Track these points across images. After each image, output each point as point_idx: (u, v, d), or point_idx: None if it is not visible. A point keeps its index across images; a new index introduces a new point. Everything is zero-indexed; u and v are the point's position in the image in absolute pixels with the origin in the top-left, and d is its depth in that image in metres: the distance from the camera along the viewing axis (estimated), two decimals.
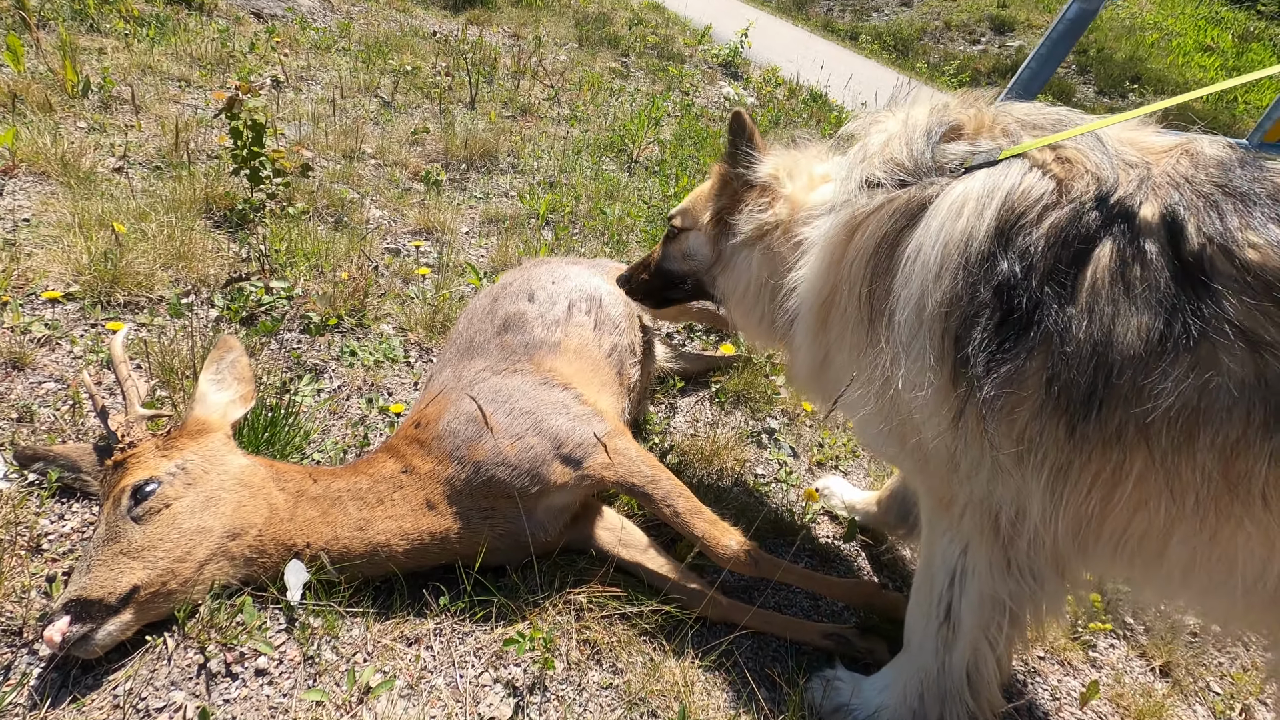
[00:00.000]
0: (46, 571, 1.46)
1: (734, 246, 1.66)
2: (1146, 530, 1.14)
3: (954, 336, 1.16)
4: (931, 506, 1.40)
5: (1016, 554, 1.28)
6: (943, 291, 1.16)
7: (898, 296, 1.21)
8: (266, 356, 2.28)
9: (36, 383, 1.92)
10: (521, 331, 1.91)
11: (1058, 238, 1.10)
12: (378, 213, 3.44)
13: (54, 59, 3.92)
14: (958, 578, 1.35)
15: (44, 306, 2.20)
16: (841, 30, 15.03)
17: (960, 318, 1.14)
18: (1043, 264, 1.10)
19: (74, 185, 2.83)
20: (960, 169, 1.23)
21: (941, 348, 1.17)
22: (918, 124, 1.34)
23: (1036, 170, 1.17)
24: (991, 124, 1.32)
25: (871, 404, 1.33)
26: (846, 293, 1.34)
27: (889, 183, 1.29)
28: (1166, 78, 12.66)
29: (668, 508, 1.71)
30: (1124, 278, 1.06)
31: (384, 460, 1.67)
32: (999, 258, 1.12)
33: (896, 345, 1.22)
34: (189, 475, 1.46)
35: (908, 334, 1.20)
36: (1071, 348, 1.07)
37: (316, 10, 6.71)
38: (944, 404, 1.19)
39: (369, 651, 1.48)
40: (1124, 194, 1.10)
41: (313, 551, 1.52)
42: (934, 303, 1.17)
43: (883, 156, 1.33)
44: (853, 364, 1.37)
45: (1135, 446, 1.07)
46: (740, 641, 1.69)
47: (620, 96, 6.31)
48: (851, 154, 1.42)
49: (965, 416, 1.16)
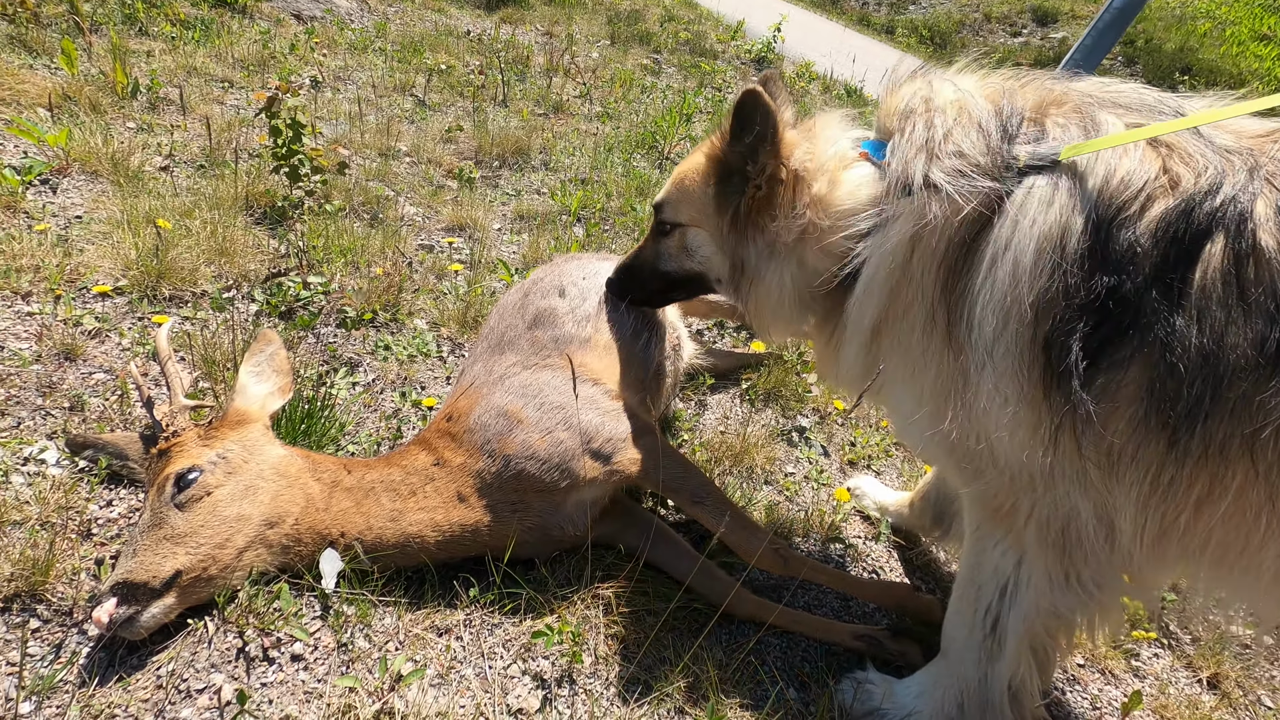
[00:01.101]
0: (95, 555, 1.52)
1: (762, 255, 1.42)
2: (1242, 542, 1.07)
3: (1045, 342, 1.06)
4: (983, 515, 1.32)
5: (1079, 566, 1.22)
6: (1035, 293, 1.05)
7: (977, 298, 1.11)
8: (304, 350, 2.33)
9: (87, 373, 2.00)
10: (552, 327, 1.92)
11: (1164, 233, 1.01)
12: (412, 209, 3.49)
13: (105, 62, 4.06)
14: (1010, 590, 1.29)
15: (94, 300, 2.28)
16: (877, 24, 14.79)
17: (1054, 322, 1.05)
18: (1147, 262, 1.00)
19: (123, 184, 2.93)
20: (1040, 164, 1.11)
21: (1031, 354, 1.07)
22: (984, 112, 1.19)
23: (1134, 156, 1.08)
24: (1061, 101, 1.20)
25: (928, 410, 1.25)
26: (911, 297, 1.22)
27: (959, 185, 1.14)
28: (1220, 68, 12.17)
29: (696, 504, 1.70)
30: (1238, 280, 0.97)
31: (416, 453, 1.69)
32: (1098, 254, 1.02)
33: (977, 351, 1.12)
34: (229, 464, 1.50)
35: (990, 339, 1.10)
36: (1178, 357, 0.98)
37: (354, 11, 6.83)
38: (1032, 415, 1.10)
39: (401, 640, 1.51)
40: (1234, 185, 1.00)
41: (347, 540, 1.54)
42: (1023, 305, 1.07)
43: (947, 150, 1.18)
44: (911, 369, 1.26)
45: (1238, 460, 1.00)
46: (769, 640, 1.67)
47: (652, 93, 6.30)
48: (904, 140, 1.24)
49: (1059, 429, 1.07)
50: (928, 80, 1.31)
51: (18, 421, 1.81)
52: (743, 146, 1.37)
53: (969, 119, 1.20)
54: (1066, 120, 1.17)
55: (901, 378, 1.30)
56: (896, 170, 1.22)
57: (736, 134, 1.38)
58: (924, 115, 1.23)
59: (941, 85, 1.28)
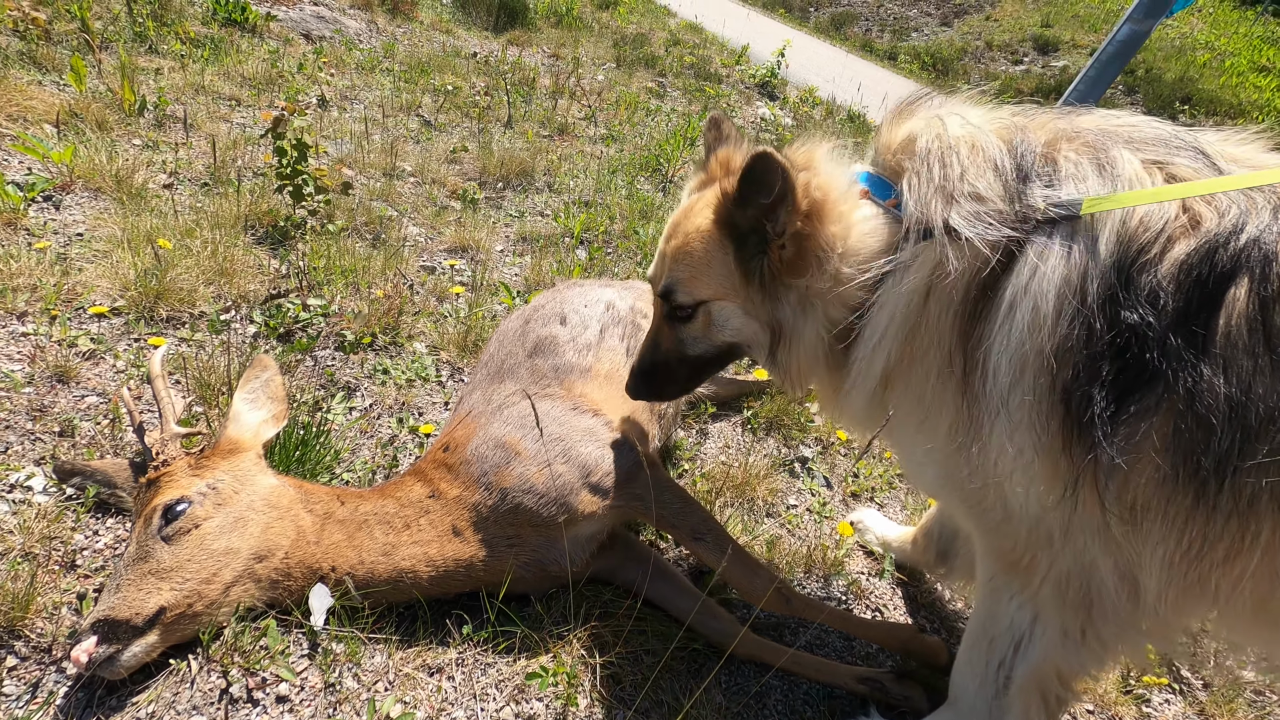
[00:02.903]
0: (78, 589, 1.48)
1: (796, 312, 1.32)
2: (1271, 593, 1.03)
3: (1064, 391, 1.02)
4: (998, 568, 1.27)
5: (1098, 623, 1.18)
6: (1056, 340, 1.01)
7: (994, 346, 1.07)
8: (301, 373, 2.30)
9: (79, 396, 1.97)
10: (552, 355, 1.89)
11: (1187, 277, 0.97)
12: (415, 230, 3.48)
13: (114, 79, 4.08)
14: (1024, 645, 1.26)
15: (90, 321, 2.26)
16: (880, 50, 14.95)
17: (1075, 370, 1.00)
18: (1171, 307, 0.96)
19: (126, 201, 2.93)
20: (1059, 212, 1.07)
21: (1050, 404, 1.03)
22: (998, 151, 1.15)
23: (1145, 184, 1.05)
24: (1072, 137, 1.15)
25: (941, 458, 1.21)
26: (925, 344, 1.17)
27: (980, 232, 1.09)
28: (1219, 99, 12.27)
29: (697, 541, 1.66)
30: (1264, 327, 0.92)
31: (411, 484, 1.65)
32: (1119, 300, 0.98)
33: (991, 400, 1.07)
34: (219, 495, 1.47)
35: (1005, 388, 1.05)
36: (1206, 408, 0.94)
37: (363, 32, 6.90)
38: (1050, 467, 1.06)
39: (390, 680, 1.46)
40: (1258, 225, 0.96)
41: (338, 575, 1.50)
42: (1043, 353, 1.02)
43: (964, 191, 1.13)
44: (924, 416, 1.21)
45: (1269, 514, 0.96)
46: (770, 682, 1.63)
47: (656, 116, 6.34)
48: (919, 181, 1.18)
49: (1079, 482, 1.02)
50: (936, 114, 1.26)
51: (5, 446, 1.77)
52: (758, 209, 1.26)
53: (983, 158, 1.15)
54: (1079, 157, 1.13)
55: (914, 423, 1.26)
56: (914, 213, 1.17)
57: (749, 196, 1.25)
58: (937, 153, 1.18)
59: (950, 119, 1.22)
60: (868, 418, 1.36)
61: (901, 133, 1.28)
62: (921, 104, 1.32)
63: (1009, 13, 15.93)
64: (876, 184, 1.29)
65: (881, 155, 1.32)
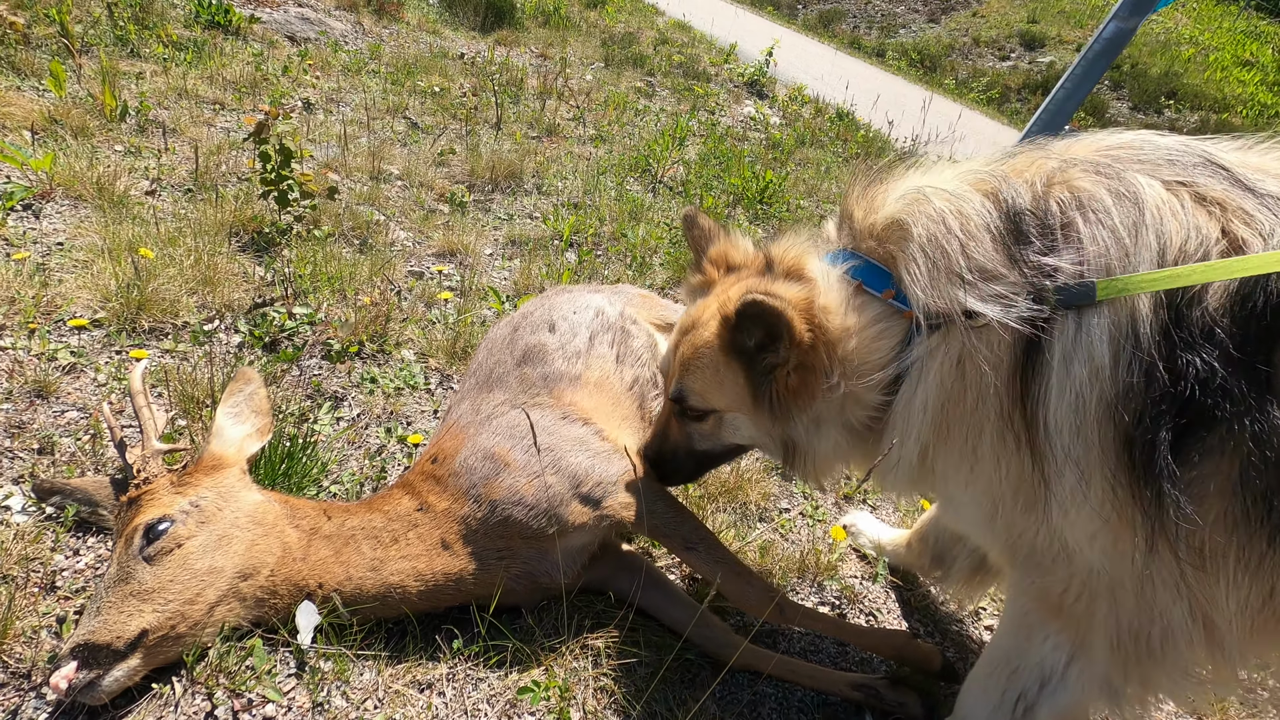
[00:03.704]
0: (58, 612, 1.45)
1: (810, 430, 1.30)
2: None
3: (1127, 439, 0.97)
4: (1037, 606, 1.23)
5: (1148, 672, 1.14)
6: (1115, 387, 0.97)
7: (1051, 402, 1.01)
8: (287, 384, 2.27)
9: (59, 411, 1.93)
10: (541, 364, 1.87)
11: (1240, 308, 0.92)
12: (402, 235, 3.45)
13: (94, 84, 4.03)
14: (1053, 684, 1.22)
15: (70, 333, 2.22)
16: (868, 47, 14.98)
17: (1137, 416, 0.95)
18: (1228, 342, 0.91)
19: (107, 209, 2.88)
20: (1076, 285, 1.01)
21: (1116, 454, 0.98)
22: (988, 213, 1.08)
23: (1184, 220, 0.97)
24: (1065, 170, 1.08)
25: (1002, 516, 1.16)
26: (970, 411, 1.11)
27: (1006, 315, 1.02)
28: (1204, 93, 12.38)
29: (689, 550, 1.65)
30: None
31: (399, 497, 1.63)
32: (1173, 337, 0.93)
33: (1056, 456, 1.02)
34: (202, 513, 1.44)
35: (1069, 441, 1.00)
36: (1273, 450, 0.89)
37: (348, 33, 6.85)
38: (1123, 518, 1.01)
39: (380, 698, 1.44)
40: None
41: (325, 592, 1.48)
42: (1102, 401, 0.98)
43: (969, 268, 1.07)
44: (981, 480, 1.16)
45: None
46: (764, 690, 1.62)
47: (645, 116, 6.32)
48: (919, 271, 1.12)
49: (1155, 532, 0.97)
50: (912, 191, 1.19)
51: None
52: (758, 340, 1.25)
53: (976, 225, 1.09)
54: (1093, 188, 1.04)
55: (964, 483, 1.20)
56: (925, 304, 1.11)
57: (747, 330, 1.24)
58: (929, 237, 1.12)
59: (930, 193, 1.16)
60: (911, 489, 1.34)
61: (881, 218, 1.22)
62: (889, 175, 1.27)
63: (996, 9, 16.00)
64: (868, 273, 1.23)
65: (863, 239, 1.26)
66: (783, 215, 4.43)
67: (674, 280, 3.40)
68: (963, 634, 1.92)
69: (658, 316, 2.30)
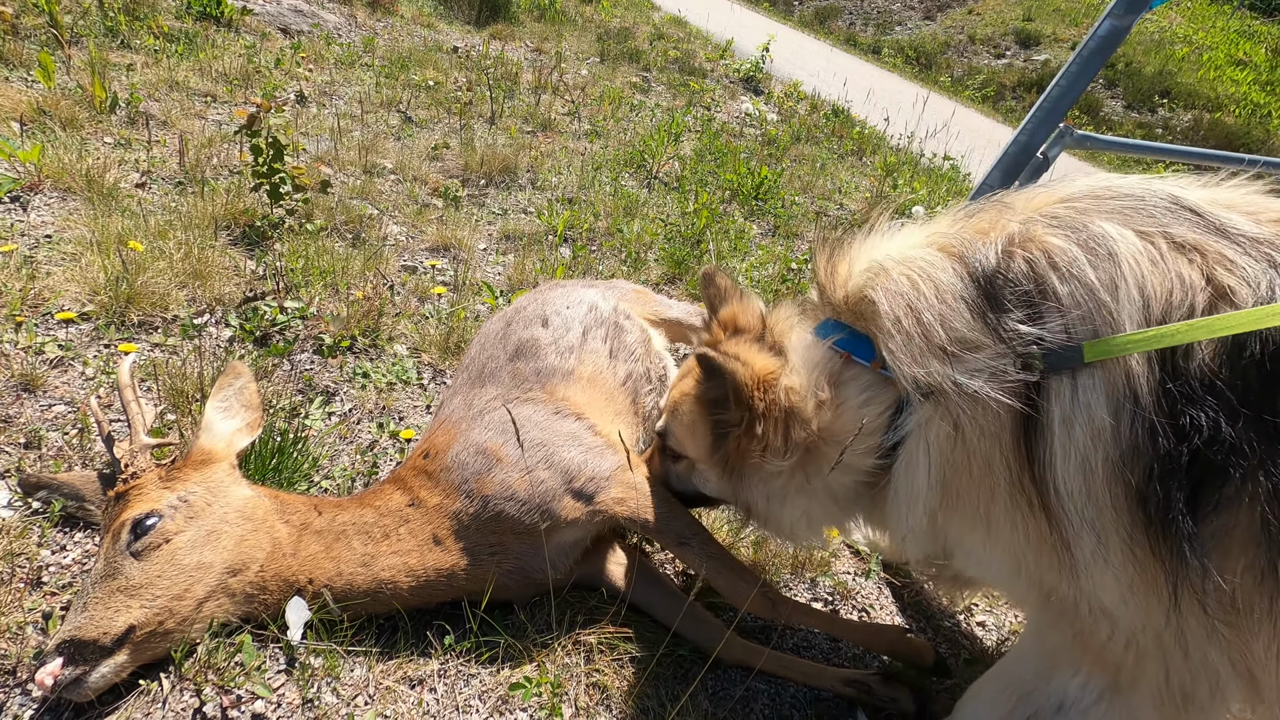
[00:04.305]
0: (44, 607, 1.43)
1: (772, 498, 1.35)
2: None
3: (1140, 496, 0.94)
4: (1070, 646, 1.19)
5: (1170, 709, 1.12)
6: (1120, 446, 0.95)
7: (1056, 464, 0.99)
8: (278, 378, 2.26)
9: (47, 406, 1.91)
10: (534, 358, 1.86)
11: (1237, 357, 0.90)
12: (395, 229, 3.43)
13: (83, 75, 3.98)
14: (1072, 713, 1.19)
15: (58, 327, 2.19)
16: (864, 44, 14.98)
17: (1146, 473, 0.93)
18: (1230, 393, 0.89)
19: (96, 202, 2.85)
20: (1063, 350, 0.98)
21: (1130, 512, 0.96)
22: (956, 279, 1.06)
23: (1164, 270, 0.95)
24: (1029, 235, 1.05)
25: (1027, 577, 1.14)
26: (978, 476, 1.09)
27: (993, 390, 1.01)
28: (1197, 92, 12.42)
29: (682, 546, 1.64)
30: None
31: (391, 492, 1.62)
32: (1173, 391, 0.91)
33: (1072, 518, 1.00)
34: (191, 508, 1.43)
35: (1082, 503, 0.98)
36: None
37: (342, 26, 6.80)
38: (1147, 576, 0.99)
39: (370, 694, 1.43)
40: None
41: (315, 588, 1.47)
42: (1108, 461, 0.96)
43: (950, 341, 1.05)
44: (1000, 542, 1.14)
45: None
46: (756, 687, 1.61)
47: (640, 111, 6.30)
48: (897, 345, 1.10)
49: (1178, 589, 0.95)
50: (873, 262, 1.18)
51: None
52: (715, 397, 1.30)
53: (948, 294, 1.07)
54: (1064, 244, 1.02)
55: (983, 543, 1.18)
56: (913, 380, 1.09)
57: (709, 385, 1.30)
58: (901, 310, 1.10)
59: (890, 266, 1.14)
60: (929, 551, 1.32)
61: (850, 292, 1.22)
62: (849, 246, 1.26)
63: (991, 7, 16.02)
64: (854, 344, 1.22)
65: (841, 312, 1.25)
66: (778, 211, 4.43)
67: (669, 276, 3.39)
68: (955, 630, 1.92)
69: (652, 312, 2.29)
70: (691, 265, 3.41)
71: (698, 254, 3.53)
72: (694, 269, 3.38)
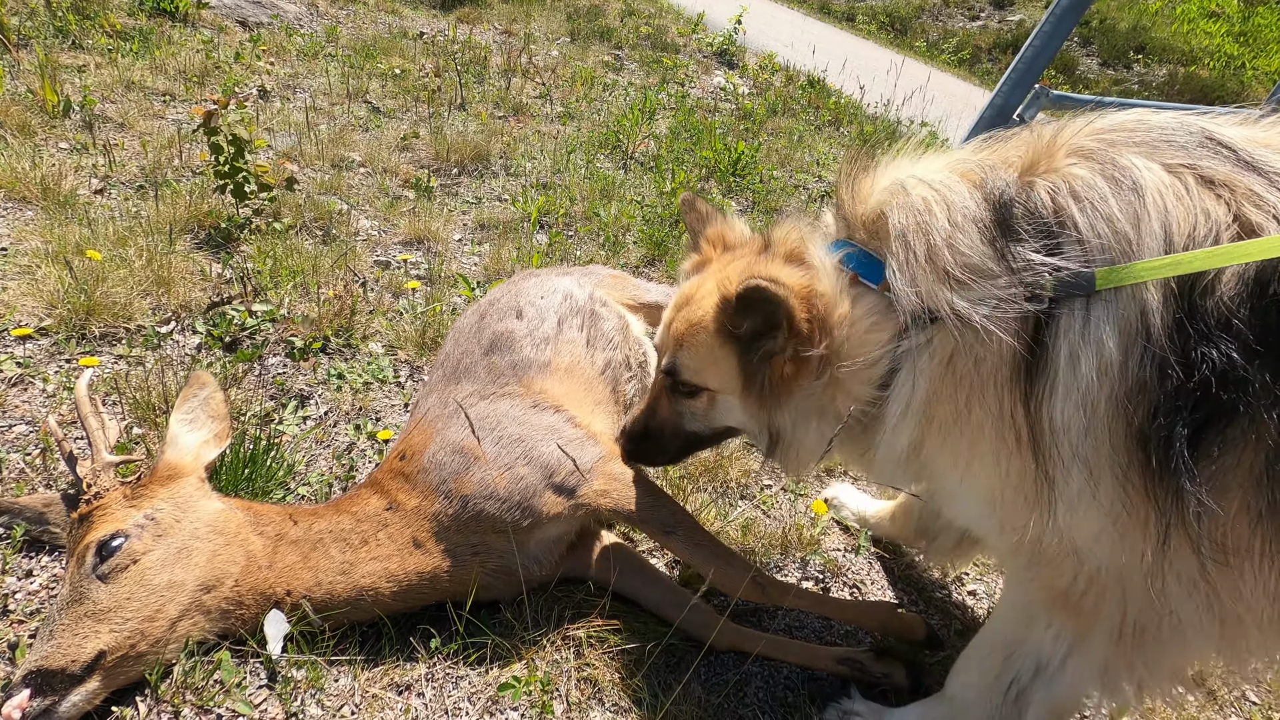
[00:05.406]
0: (10, 637, 1.39)
1: (798, 420, 1.28)
2: None
3: (1140, 435, 0.93)
4: (1040, 598, 1.20)
5: (1153, 668, 1.13)
6: (1126, 383, 0.93)
7: (1056, 399, 0.97)
8: (249, 384, 2.20)
9: (6, 426, 1.85)
10: (509, 352, 1.82)
11: (1259, 296, 0.87)
12: (367, 223, 3.36)
13: (33, 79, 3.85)
14: (1049, 673, 1.21)
15: (15, 343, 2.12)
16: (838, 11, 14.80)
17: (1150, 412, 0.91)
18: (1247, 331, 0.87)
19: (54, 210, 2.76)
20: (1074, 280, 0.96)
21: (1128, 451, 0.94)
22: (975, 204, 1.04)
23: (1190, 204, 0.92)
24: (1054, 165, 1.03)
25: (1001, 513, 1.13)
26: (965, 408, 1.08)
27: (995, 319, 0.99)
28: (1172, 46, 12.38)
29: (668, 535, 1.62)
30: None
31: (368, 496, 1.58)
32: (1187, 328, 0.89)
33: (1063, 454, 0.98)
34: (159, 526, 1.38)
35: (1078, 440, 0.97)
36: None
37: (303, 16, 6.61)
38: (1137, 518, 0.98)
39: (356, 703, 1.40)
40: None
41: (294, 599, 1.44)
42: (1112, 399, 0.94)
43: (957, 264, 1.02)
44: (978, 477, 1.14)
45: None
46: (750, 670, 1.60)
47: (614, 91, 6.19)
48: (905, 264, 1.08)
49: (1168, 530, 0.94)
50: (895, 181, 1.16)
51: None
52: (755, 326, 1.22)
53: (961, 218, 1.04)
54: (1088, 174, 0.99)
55: (960, 478, 1.17)
56: (912, 300, 1.07)
57: (745, 315, 1.22)
58: (912, 229, 1.07)
59: (911, 184, 1.12)
60: (903, 480, 1.32)
61: (869, 209, 1.19)
62: (875, 165, 1.22)
63: None
64: (863, 263, 1.19)
65: (855, 230, 1.22)
66: (756, 187, 4.37)
67: (648, 259, 3.34)
68: (947, 600, 1.92)
69: (630, 297, 2.25)
70: (670, 246, 3.36)
71: (677, 234, 3.48)
72: (673, 250, 3.34)
